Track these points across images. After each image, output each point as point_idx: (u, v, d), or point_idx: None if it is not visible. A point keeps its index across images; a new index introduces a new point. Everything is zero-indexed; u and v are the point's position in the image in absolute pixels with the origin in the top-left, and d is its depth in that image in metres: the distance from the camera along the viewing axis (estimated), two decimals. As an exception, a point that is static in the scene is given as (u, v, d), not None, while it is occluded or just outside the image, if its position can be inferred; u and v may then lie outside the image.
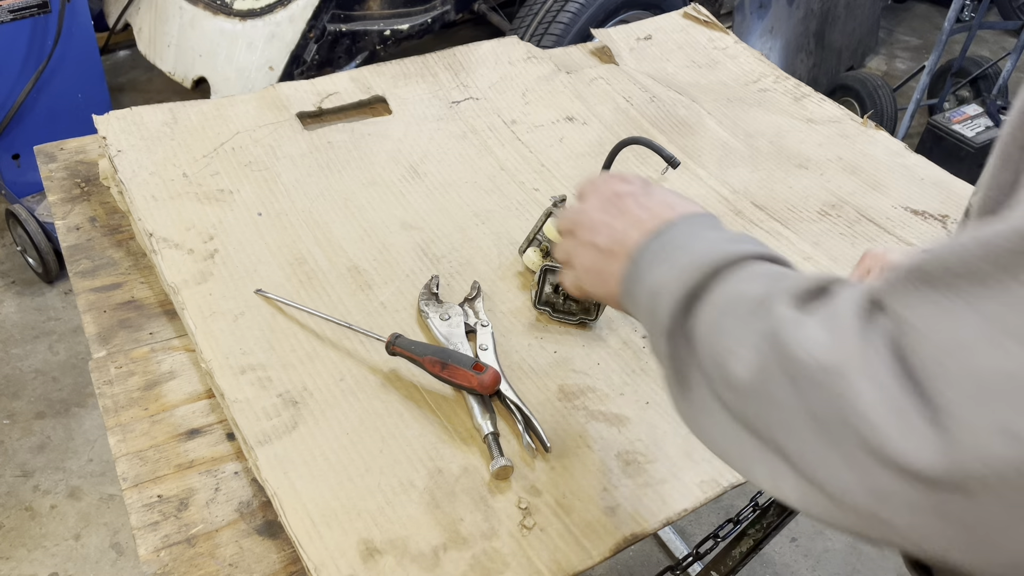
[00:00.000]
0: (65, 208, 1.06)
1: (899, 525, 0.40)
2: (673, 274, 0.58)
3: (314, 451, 0.78)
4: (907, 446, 0.38)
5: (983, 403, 0.36)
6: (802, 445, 0.45)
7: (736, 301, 0.53)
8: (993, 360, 0.36)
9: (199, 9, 2.43)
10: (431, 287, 0.94)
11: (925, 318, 0.39)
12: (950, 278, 0.38)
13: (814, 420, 0.44)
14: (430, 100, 1.26)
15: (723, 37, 1.50)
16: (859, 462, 0.41)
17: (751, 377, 0.48)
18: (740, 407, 0.50)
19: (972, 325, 0.37)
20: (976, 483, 0.36)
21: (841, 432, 0.42)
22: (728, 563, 1.30)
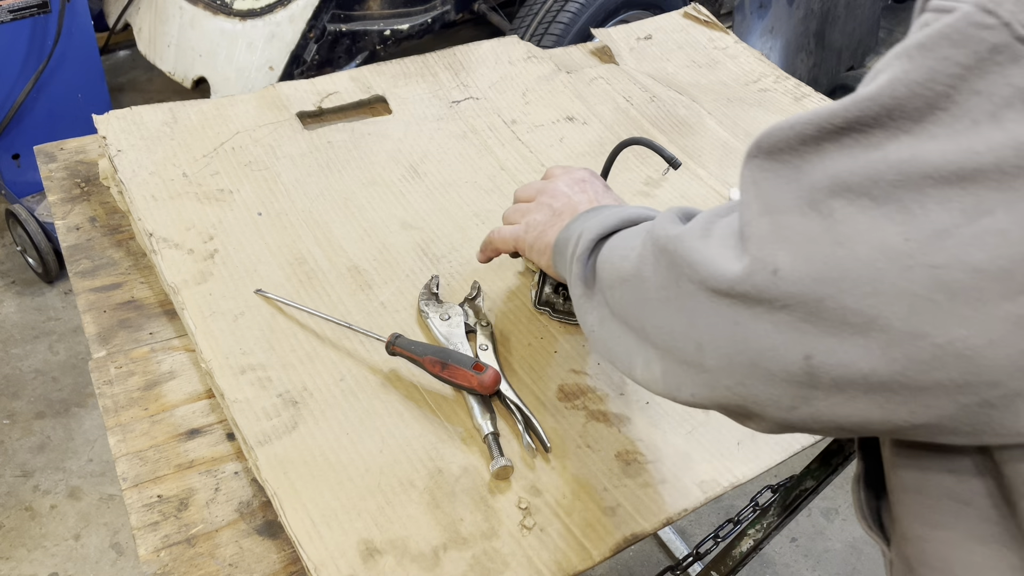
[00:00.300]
0: (65, 208, 1.06)
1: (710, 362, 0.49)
2: (597, 222, 0.70)
3: (314, 451, 0.78)
4: (715, 270, 0.48)
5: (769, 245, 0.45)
6: (655, 316, 0.55)
7: (636, 231, 0.65)
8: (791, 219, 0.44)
9: (199, 9, 2.43)
10: (431, 287, 0.94)
11: (764, 184, 0.47)
12: (784, 155, 0.46)
13: (663, 288, 0.54)
14: (430, 100, 1.26)
15: (723, 37, 1.50)
16: (688, 305, 0.50)
17: (631, 268, 0.59)
18: (620, 301, 0.61)
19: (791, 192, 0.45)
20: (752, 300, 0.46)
21: (677, 288, 0.52)
22: (728, 563, 1.30)
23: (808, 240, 0.43)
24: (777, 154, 0.46)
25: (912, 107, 0.40)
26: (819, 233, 0.42)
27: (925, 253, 0.39)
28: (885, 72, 0.42)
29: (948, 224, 0.38)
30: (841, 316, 0.42)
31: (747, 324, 0.46)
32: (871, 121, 0.41)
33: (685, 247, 0.51)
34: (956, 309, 0.39)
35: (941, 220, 0.39)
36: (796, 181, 0.44)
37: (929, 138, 0.39)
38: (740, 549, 1.23)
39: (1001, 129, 0.37)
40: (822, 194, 0.43)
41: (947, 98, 0.39)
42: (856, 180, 0.41)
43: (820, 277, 0.42)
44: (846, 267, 0.41)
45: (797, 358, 0.44)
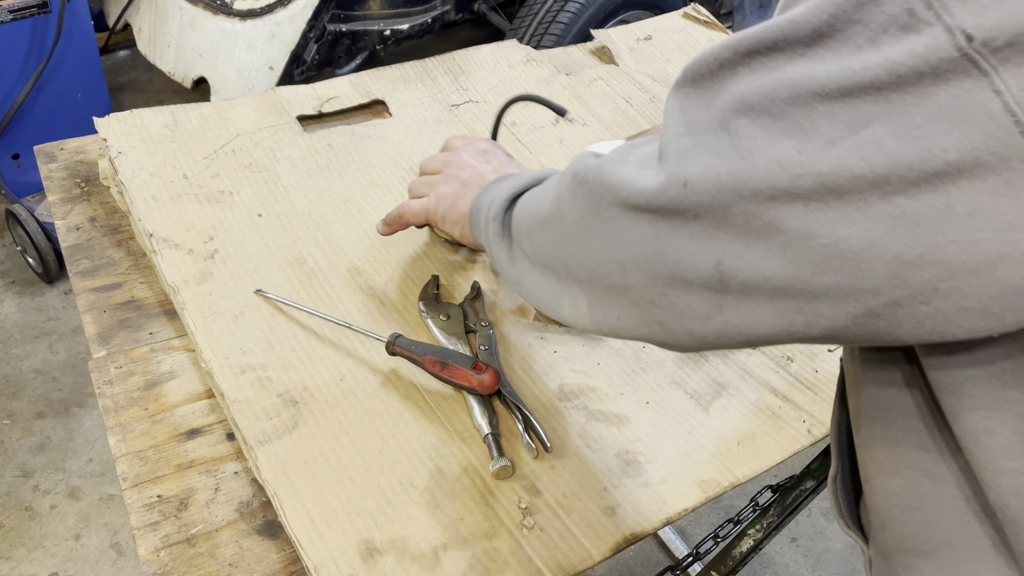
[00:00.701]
0: (65, 208, 1.06)
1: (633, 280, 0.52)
2: (508, 187, 0.73)
3: (314, 451, 0.78)
4: (632, 187, 0.50)
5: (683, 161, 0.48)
6: (576, 249, 0.57)
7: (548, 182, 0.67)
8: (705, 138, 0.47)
9: (199, 9, 2.43)
10: (431, 287, 0.94)
11: (686, 107, 0.49)
12: (705, 81, 0.49)
13: (583, 219, 0.56)
14: (430, 103, 1.26)
15: (723, 37, 1.50)
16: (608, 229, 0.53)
17: (549, 208, 0.61)
18: (540, 246, 0.63)
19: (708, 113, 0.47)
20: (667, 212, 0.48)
21: (597, 216, 0.54)
22: (728, 563, 1.31)
23: (716, 154, 0.46)
24: (699, 80, 0.49)
25: (805, 33, 0.43)
26: (726, 148, 0.46)
27: (815, 163, 0.42)
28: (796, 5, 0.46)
29: (834, 136, 0.42)
30: (744, 221, 0.45)
31: (666, 236, 0.49)
32: (773, 45, 0.45)
33: (604, 173, 0.53)
34: (841, 209, 0.42)
35: (828, 133, 0.42)
36: (712, 103, 0.47)
37: (819, 60, 0.43)
38: (740, 549, 1.23)
39: (877, 51, 0.41)
40: (730, 114, 0.46)
41: (832, 26, 0.43)
42: (757, 99, 0.44)
43: (725, 187, 0.45)
44: (747, 177, 0.44)
45: (710, 264, 0.48)
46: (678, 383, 0.89)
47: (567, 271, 0.60)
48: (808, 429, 0.85)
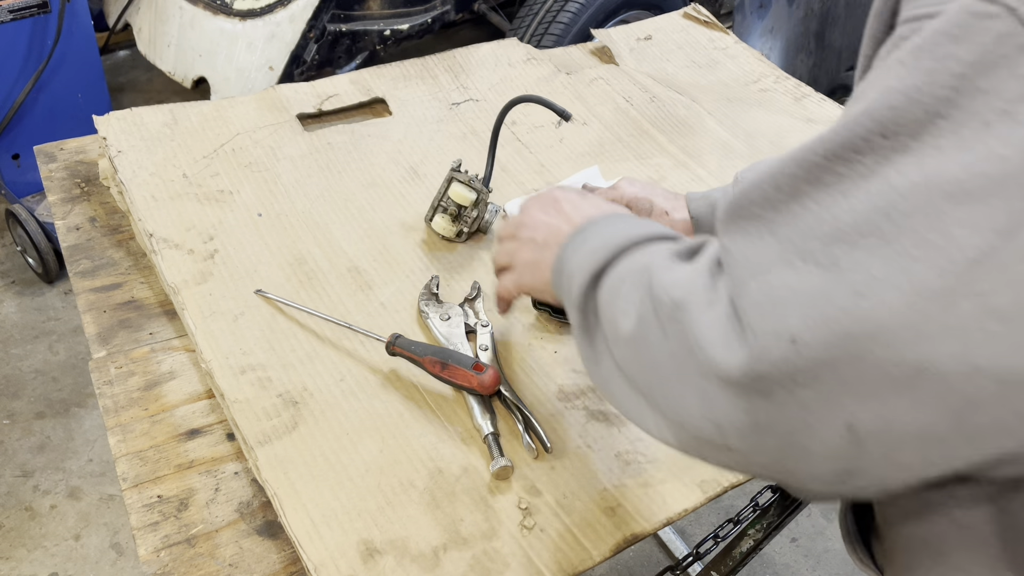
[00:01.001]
0: (65, 208, 1.06)
1: (735, 444, 0.45)
2: (586, 257, 0.65)
3: (314, 451, 0.78)
4: (722, 356, 0.43)
5: (769, 313, 0.40)
6: (664, 387, 0.50)
7: (630, 271, 0.59)
8: (783, 277, 0.40)
9: (199, 9, 2.43)
10: (431, 287, 0.94)
11: (738, 247, 0.43)
12: (754, 208, 0.43)
13: (672, 358, 0.48)
14: (430, 102, 1.26)
15: (723, 37, 1.50)
16: (700, 385, 0.46)
17: (633, 328, 0.54)
18: (624, 360, 0.56)
19: (771, 248, 0.41)
20: (771, 386, 0.41)
21: (686, 362, 0.47)
22: (728, 563, 1.30)
23: (816, 296, 0.38)
24: (750, 209, 0.43)
25: (909, 120, 0.36)
26: (827, 286, 0.38)
27: (966, 283, 0.35)
28: (871, 90, 0.39)
29: (982, 247, 0.35)
30: (882, 374, 0.37)
31: (768, 412, 0.41)
32: (860, 146, 0.38)
33: (691, 322, 0.46)
34: (1012, 334, 0.35)
35: (972, 244, 0.35)
36: (772, 234, 0.41)
37: (934, 152, 0.36)
38: (740, 549, 1.23)
39: (1019, 125, 0.34)
40: (816, 243, 0.39)
41: (949, 102, 0.35)
42: (855, 219, 0.37)
43: (848, 335, 0.37)
44: (878, 319, 0.37)
45: (837, 431, 0.40)
46: (678, 383, 0.88)
47: (653, 400, 0.52)
48: (808, 429, 0.85)
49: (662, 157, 1.21)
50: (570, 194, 0.78)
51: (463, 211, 1.01)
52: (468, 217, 1.01)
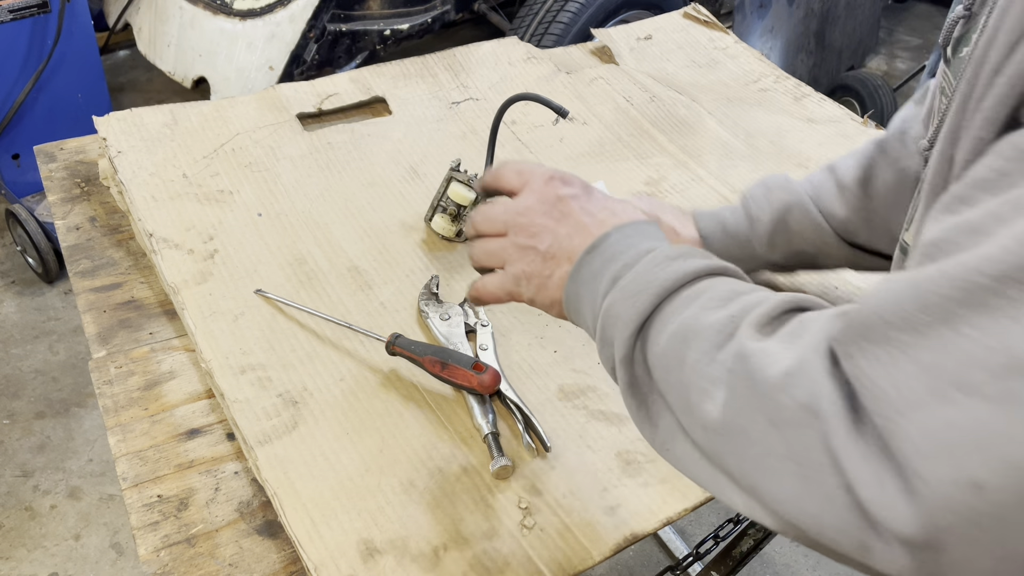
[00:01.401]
0: (65, 208, 1.06)
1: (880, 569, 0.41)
2: (625, 300, 0.57)
3: (314, 451, 0.78)
4: (886, 511, 0.38)
5: (941, 458, 0.36)
6: (779, 484, 0.45)
7: (698, 332, 0.52)
8: (941, 413, 0.36)
9: (199, 9, 2.43)
10: (431, 287, 0.94)
11: (872, 376, 0.39)
12: (890, 331, 0.39)
13: (792, 460, 0.43)
14: (430, 101, 1.26)
15: (723, 37, 1.50)
16: (840, 507, 0.41)
17: (723, 415, 0.48)
18: (711, 445, 0.50)
19: (916, 378, 0.38)
20: (950, 538, 0.37)
21: (822, 475, 0.42)
22: (728, 563, 1.30)
23: (995, 435, 0.35)
24: (884, 331, 0.39)
25: None
26: (1006, 424, 0.35)
27: None
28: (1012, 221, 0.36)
29: None
30: None
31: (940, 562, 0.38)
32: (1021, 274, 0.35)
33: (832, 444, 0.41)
34: None
35: None
36: (914, 363, 0.38)
37: None
38: (740, 549, 1.23)
39: None
40: (981, 374, 0.35)
41: None
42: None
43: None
44: None
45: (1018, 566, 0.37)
46: (678, 383, 0.88)
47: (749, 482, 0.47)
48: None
49: (662, 157, 1.21)
50: (574, 188, 0.67)
51: (463, 211, 1.01)
52: (467, 217, 1.01)
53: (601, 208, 0.66)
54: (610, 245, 0.62)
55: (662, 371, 0.54)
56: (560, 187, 0.67)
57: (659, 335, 0.55)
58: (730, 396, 0.47)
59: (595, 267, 0.62)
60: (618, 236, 0.62)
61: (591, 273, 0.61)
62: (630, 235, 0.62)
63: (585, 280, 0.62)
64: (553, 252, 0.65)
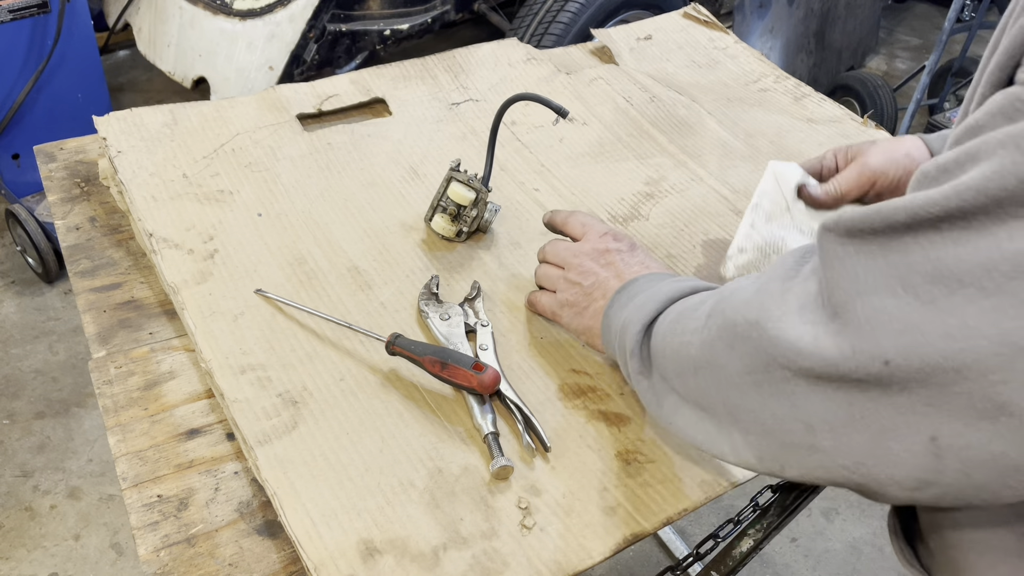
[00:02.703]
0: (65, 208, 1.06)
1: (824, 443, 0.49)
2: (637, 309, 0.72)
3: (314, 451, 0.78)
4: (818, 354, 0.47)
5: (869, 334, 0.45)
6: (744, 401, 0.54)
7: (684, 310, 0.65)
8: (884, 301, 0.45)
9: (199, 9, 2.43)
10: (431, 287, 0.94)
11: (851, 262, 0.47)
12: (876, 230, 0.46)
13: (748, 374, 0.52)
14: (430, 102, 1.26)
15: (723, 37, 1.50)
16: (785, 389, 0.50)
17: (700, 351, 0.58)
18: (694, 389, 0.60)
19: (880, 271, 0.45)
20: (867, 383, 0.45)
21: (768, 374, 0.51)
22: (728, 563, 1.30)
23: (912, 328, 0.43)
24: (859, 234, 0.46)
25: None
26: (923, 321, 0.43)
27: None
28: (985, 161, 0.42)
29: None
30: (967, 402, 0.42)
31: (863, 405, 0.46)
32: (976, 210, 0.41)
33: (769, 332, 0.50)
34: None
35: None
36: (884, 261, 0.45)
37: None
38: (740, 549, 1.23)
39: None
40: (919, 278, 0.43)
41: None
42: (961, 269, 0.41)
43: (938, 367, 0.42)
44: (967, 360, 0.41)
45: (922, 439, 0.44)
46: (678, 383, 0.88)
47: (731, 418, 0.56)
48: (808, 429, 0.85)
49: (662, 157, 1.21)
50: (621, 244, 0.85)
51: (462, 211, 1.01)
52: (468, 217, 1.01)
53: (638, 263, 0.83)
54: (636, 285, 0.78)
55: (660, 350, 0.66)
56: (610, 242, 0.86)
57: (659, 326, 0.68)
58: (706, 333, 0.58)
59: (622, 300, 0.77)
60: (644, 281, 0.78)
61: (619, 305, 0.77)
62: (654, 279, 0.78)
63: (615, 310, 0.77)
64: (592, 289, 0.83)
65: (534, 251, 1.03)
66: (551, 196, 1.11)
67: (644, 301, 0.72)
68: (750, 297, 0.54)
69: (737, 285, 0.58)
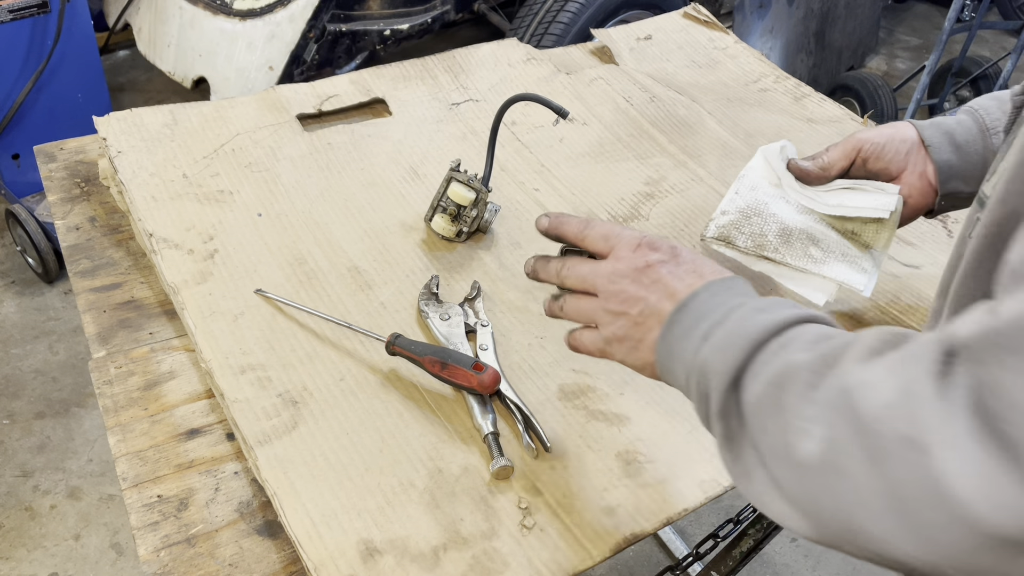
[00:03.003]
0: (65, 208, 1.06)
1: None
2: (715, 352, 0.58)
3: (314, 451, 0.78)
4: (999, 513, 0.39)
5: None
6: (877, 521, 0.45)
7: (791, 375, 0.52)
8: None
9: (199, 9, 2.43)
10: (431, 287, 0.94)
11: (1009, 384, 0.40)
12: None
13: (892, 496, 0.44)
14: (430, 102, 1.26)
15: (723, 37, 1.50)
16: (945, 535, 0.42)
17: (820, 454, 0.48)
18: (802, 492, 0.50)
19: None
20: None
21: (925, 507, 0.42)
22: (728, 563, 1.30)
23: None
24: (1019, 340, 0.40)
25: None
26: None
27: None
28: None
29: None
30: None
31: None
32: None
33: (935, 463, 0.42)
34: None
35: None
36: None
37: None
38: (740, 549, 1.23)
39: None
40: None
41: None
42: None
43: None
44: None
45: None
46: (678, 383, 0.88)
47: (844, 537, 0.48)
48: (808, 429, 0.85)
49: (662, 157, 1.21)
50: (662, 254, 0.68)
51: (462, 211, 1.01)
52: (468, 217, 1.01)
53: (689, 271, 0.67)
54: (699, 304, 0.63)
55: (757, 420, 0.55)
56: (648, 253, 0.69)
57: (753, 384, 0.55)
58: (829, 432, 0.48)
59: (685, 326, 0.63)
60: (706, 295, 0.64)
61: (682, 331, 0.63)
62: (717, 292, 0.64)
63: (677, 339, 0.63)
64: (644, 318, 0.67)
65: (534, 251, 1.02)
66: (551, 196, 1.11)
67: (725, 341, 0.59)
68: (893, 399, 0.45)
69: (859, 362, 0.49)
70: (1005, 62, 2.95)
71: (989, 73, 3.17)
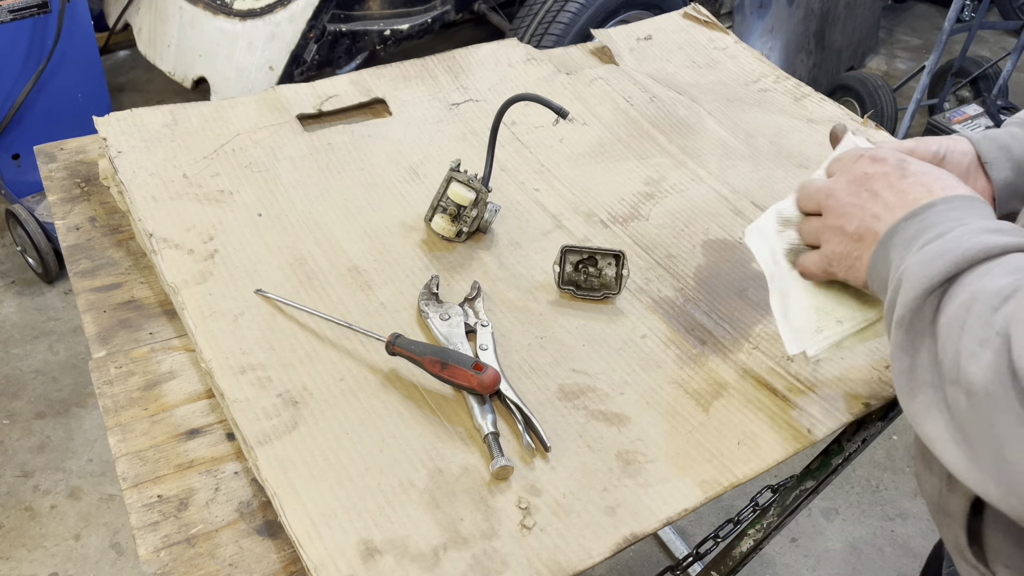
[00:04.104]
0: (65, 208, 1.06)
1: None
2: (921, 264, 0.56)
3: (314, 451, 0.78)
4: None
5: None
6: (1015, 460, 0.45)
7: (981, 297, 0.51)
8: None
9: (199, 9, 2.43)
10: (431, 287, 0.94)
11: None
12: None
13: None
14: (430, 102, 1.26)
15: (723, 37, 1.50)
16: None
17: (985, 380, 0.48)
18: (962, 411, 0.49)
19: None
20: None
21: None
22: (728, 563, 1.30)
23: None
24: None
25: None
26: None
27: None
28: None
29: None
30: None
31: None
32: None
33: None
34: None
35: None
36: None
37: None
38: (740, 549, 1.23)
39: None
40: None
41: None
42: None
43: None
44: None
45: None
46: (678, 383, 0.88)
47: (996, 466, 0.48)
48: (808, 429, 0.85)
49: (662, 157, 1.21)
50: (885, 166, 0.66)
51: (462, 211, 1.01)
52: (467, 217, 1.01)
53: (915, 184, 0.63)
54: (933, 215, 0.60)
55: (944, 339, 0.53)
56: (868, 165, 0.67)
57: (949, 304, 0.53)
58: (995, 359, 0.47)
59: (909, 234, 0.60)
60: (944, 207, 0.60)
61: (904, 240, 0.60)
62: (958, 207, 0.60)
63: (896, 246, 0.61)
64: (861, 233, 0.65)
65: (534, 251, 1.03)
66: (551, 196, 1.12)
67: (935, 252, 0.55)
68: None
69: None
70: (1005, 62, 2.95)
71: (989, 73, 3.17)
